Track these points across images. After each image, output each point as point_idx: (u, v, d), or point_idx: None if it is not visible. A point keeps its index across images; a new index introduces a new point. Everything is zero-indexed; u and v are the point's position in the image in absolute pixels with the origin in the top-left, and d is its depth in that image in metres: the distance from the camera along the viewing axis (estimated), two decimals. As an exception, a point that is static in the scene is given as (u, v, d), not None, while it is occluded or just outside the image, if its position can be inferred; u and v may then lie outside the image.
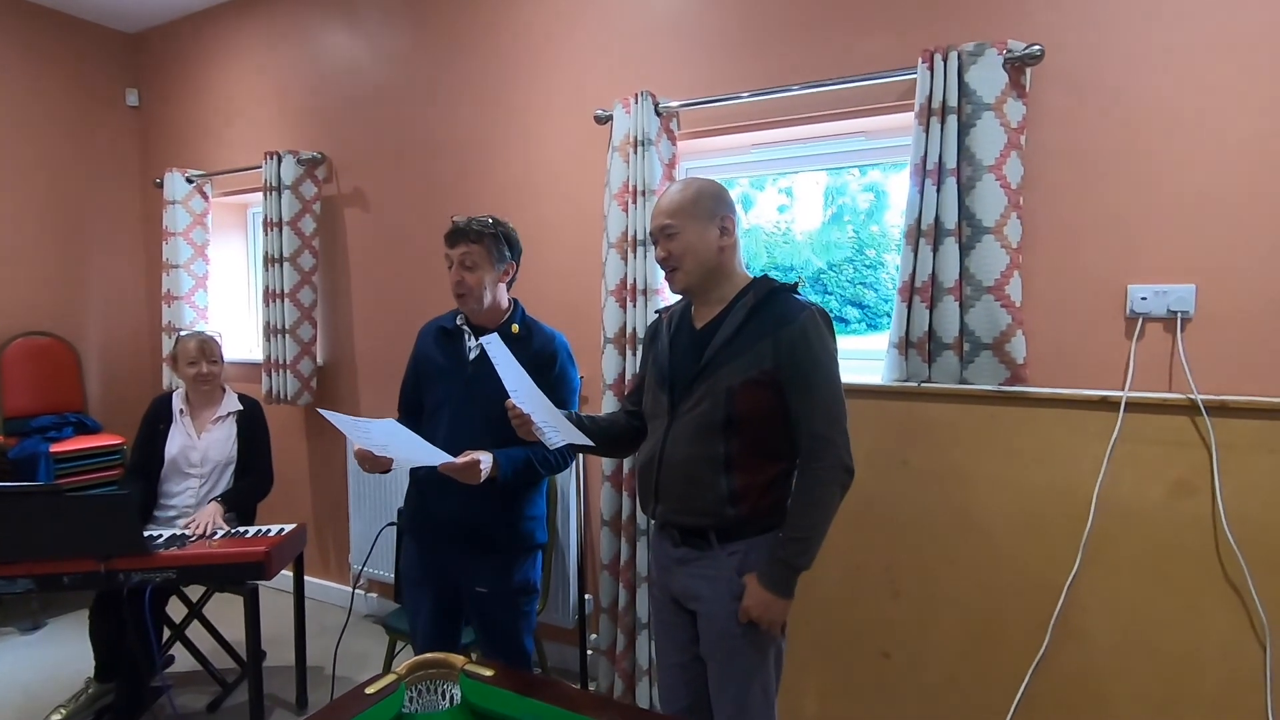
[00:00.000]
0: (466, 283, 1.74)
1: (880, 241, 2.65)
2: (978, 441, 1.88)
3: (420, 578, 1.84)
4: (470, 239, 1.74)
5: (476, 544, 1.76)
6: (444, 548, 1.79)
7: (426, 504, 1.80)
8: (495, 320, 1.82)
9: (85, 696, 2.32)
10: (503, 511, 1.76)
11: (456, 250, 1.74)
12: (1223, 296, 1.71)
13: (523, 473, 1.70)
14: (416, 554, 1.85)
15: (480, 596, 1.78)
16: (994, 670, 1.87)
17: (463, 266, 1.74)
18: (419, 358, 1.89)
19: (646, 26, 2.39)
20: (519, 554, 1.81)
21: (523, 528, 1.80)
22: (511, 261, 1.82)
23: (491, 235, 1.76)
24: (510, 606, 1.80)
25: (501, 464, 1.64)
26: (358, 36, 3.06)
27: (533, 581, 1.85)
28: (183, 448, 2.36)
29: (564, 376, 1.81)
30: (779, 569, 1.35)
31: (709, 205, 1.43)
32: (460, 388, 1.77)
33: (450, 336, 1.84)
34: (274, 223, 3.07)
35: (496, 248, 1.77)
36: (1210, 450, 1.65)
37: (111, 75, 3.76)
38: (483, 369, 1.75)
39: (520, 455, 1.69)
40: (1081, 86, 1.82)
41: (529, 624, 1.85)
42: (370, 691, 1.15)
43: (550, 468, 1.77)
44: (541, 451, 1.71)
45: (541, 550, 1.89)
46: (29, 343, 3.43)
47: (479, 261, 1.74)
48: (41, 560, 1.91)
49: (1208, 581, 1.66)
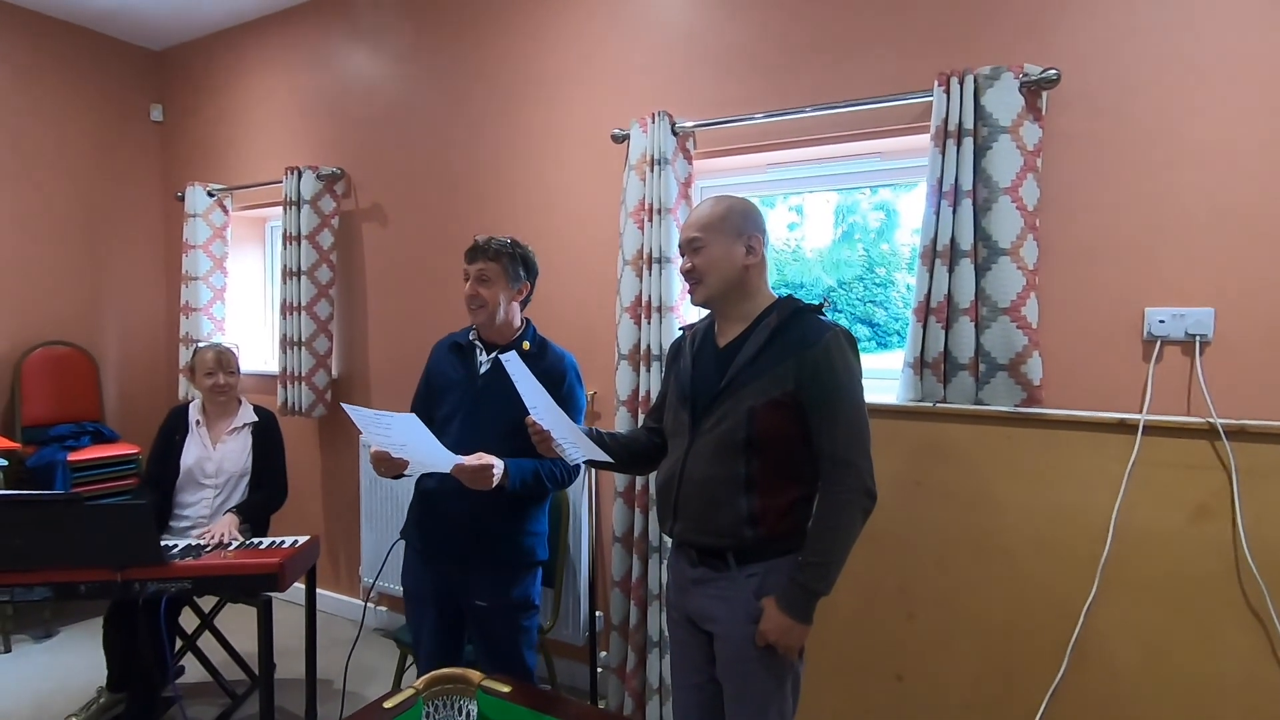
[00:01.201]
0: (480, 296, 1.79)
1: (891, 260, 2.65)
2: (993, 463, 1.87)
3: (422, 592, 1.86)
4: (488, 256, 1.80)
5: (478, 556, 1.77)
6: (445, 561, 1.81)
7: (432, 512, 1.82)
8: (507, 337, 1.86)
9: (97, 706, 2.32)
10: (506, 524, 1.78)
11: (474, 266, 1.81)
12: (1242, 320, 1.70)
13: (530, 484, 1.72)
14: (418, 568, 1.86)
15: (480, 611, 1.79)
16: (1010, 695, 1.85)
17: (478, 280, 1.80)
18: (431, 371, 1.93)
19: (664, 47, 2.43)
20: (519, 569, 1.82)
21: (524, 543, 1.82)
22: (526, 282, 1.87)
23: (509, 255, 1.82)
24: (509, 622, 1.81)
25: (511, 472, 1.66)
26: (378, 56, 3.12)
27: (532, 598, 1.86)
28: (198, 459, 2.38)
29: (571, 395, 1.84)
30: (798, 593, 1.34)
31: (737, 223, 1.45)
32: (470, 401, 1.81)
33: (463, 351, 1.88)
34: (293, 236, 3.11)
35: (513, 266, 1.83)
36: (1230, 474, 1.64)
37: (137, 91, 3.85)
38: (492, 384, 1.79)
39: (529, 467, 1.71)
40: (1098, 110, 1.83)
41: (529, 639, 1.85)
42: (388, 706, 1.16)
43: (557, 483, 1.79)
44: (550, 466, 1.74)
45: (542, 567, 1.90)
46: (49, 352, 3.47)
47: (494, 277, 1.80)
48: (59, 568, 1.93)
49: (1228, 608, 1.64)
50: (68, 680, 2.61)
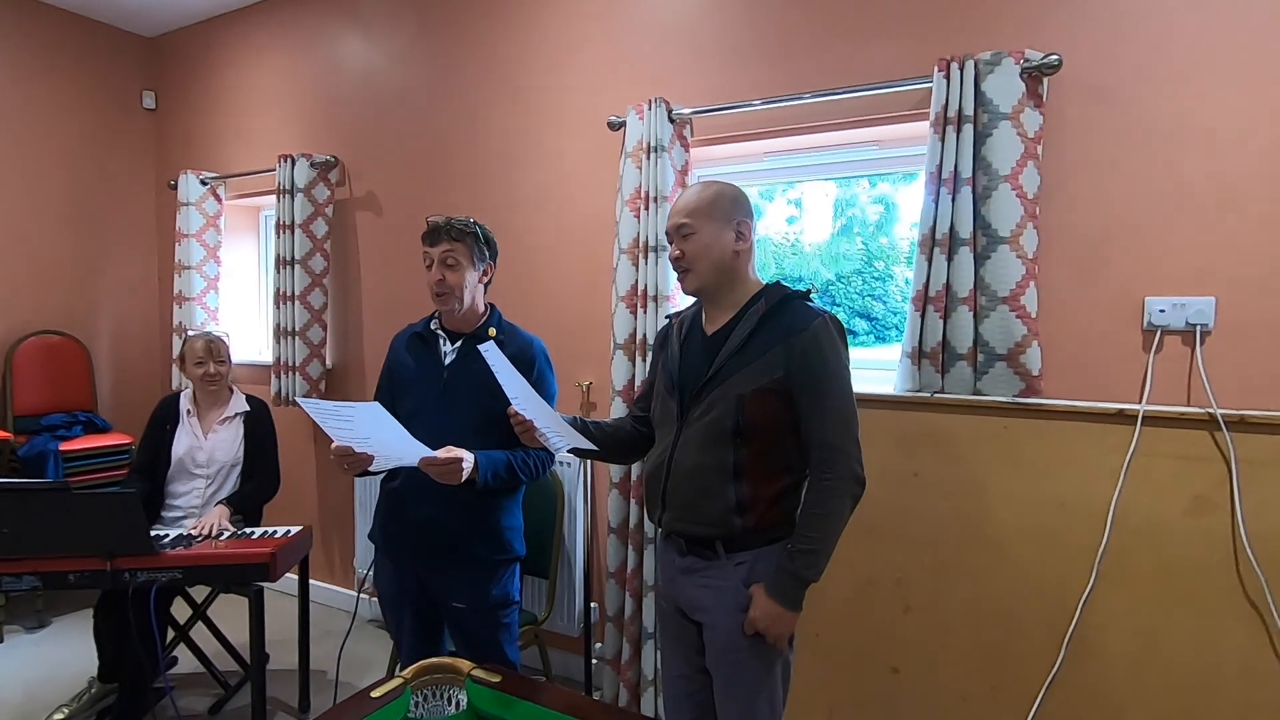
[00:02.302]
0: (448, 282, 1.69)
1: (889, 254, 2.63)
2: (991, 453, 1.85)
3: (398, 595, 1.79)
4: (453, 237, 1.70)
5: (453, 557, 1.70)
6: (419, 563, 1.74)
7: (402, 514, 1.74)
8: (472, 324, 1.78)
9: (88, 696, 2.31)
10: (478, 522, 1.71)
11: (438, 249, 1.70)
12: (1243, 309, 1.68)
13: (503, 476, 1.64)
14: (390, 571, 1.79)
15: (458, 612, 1.73)
16: (1006, 687, 1.84)
17: (444, 265, 1.69)
18: (392, 365, 1.84)
19: (661, 33, 2.40)
20: (497, 566, 1.75)
21: (500, 539, 1.75)
22: (490, 262, 1.79)
23: (473, 235, 1.73)
24: (490, 620, 1.75)
25: (481, 464, 1.58)
26: (372, 42, 3.08)
27: (511, 594, 1.79)
28: (189, 448, 2.35)
29: (542, 381, 1.76)
30: (787, 580, 1.33)
31: (727, 208, 1.42)
32: (435, 393, 1.72)
33: (424, 342, 1.79)
34: (286, 225, 3.08)
35: (477, 247, 1.74)
36: (1230, 465, 1.62)
37: (129, 78, 3.80)
38: (459, 375, 1.71)
39: (500, 458, 1.64)
40: (1100, 96, 1.80)
41: (510, 635, 1.80)
42: (376, 695, 1.14)
43: (530, 473, 1.71)
44: (523, 456, 1.67)
45: (520, 562, 1.83)
46: (41, 341, 3.45)
47: (461, 260, 1.70)
48: (48, 557, 1.91)
49: (1227, 600, 1.62)
50: (59, 671, 2.60)
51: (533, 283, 2.65)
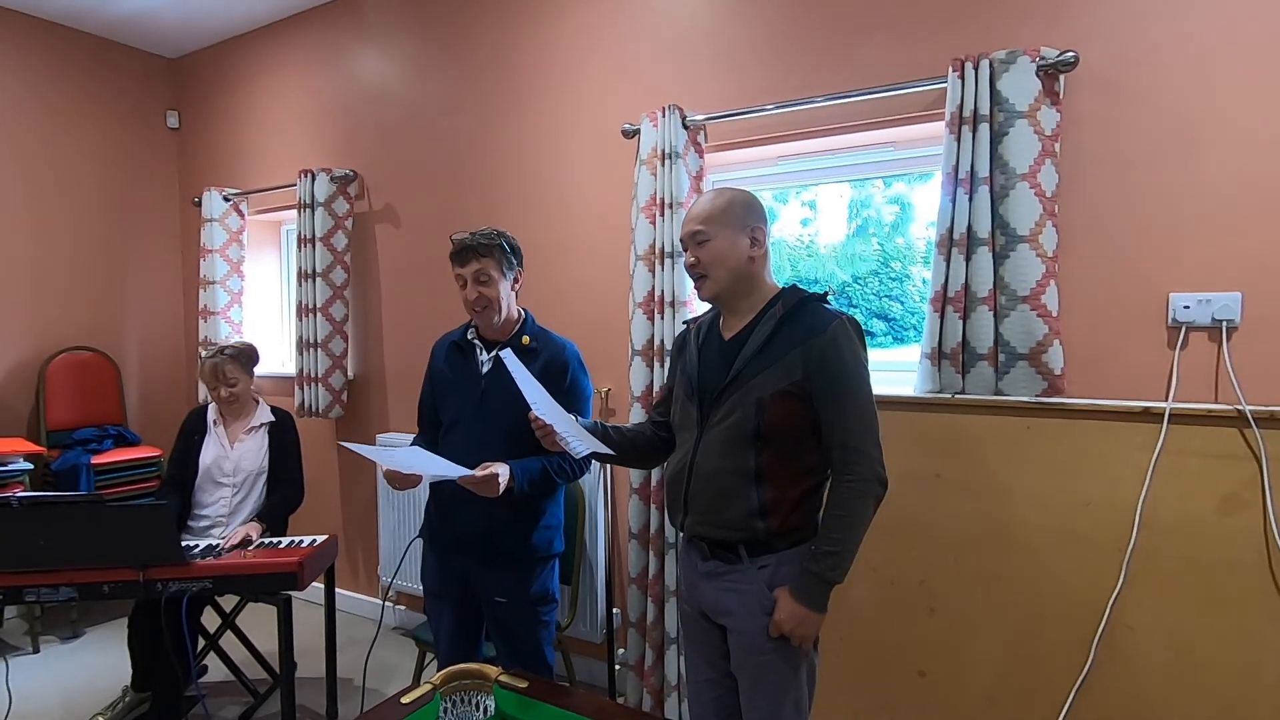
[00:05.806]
0: (486, 297, 1.74)
1: (906, 254, 2.62)
2: (1014, 454, 1.84)
3: (440, 590, 1.86)
4: (481, 253, 1.73)
5: (494, 555, 1.77)
6: (463, 559, 1.80)
7: (447, 515, 1.81)
8: (507, 332, 1.82)
9: (123, 705, 2.35)
10: (519, 521, 1.77)
11: (469, 268, 1.74)
12: (1270, 304, 1.66)
13: (539, 483, 1.71)
14: (436, 566, 1.86)
15: (499, 607, 1.78)
16: (1034, 690, 1.82)
17: (478, 282, 1.74)
18: (434, 373, 1.91)
19: (673, 40, 2.42)
20: (536, 564, 1.81)
21: (539, 537, 1.80)
22: (519, 268, 1.83)
23: (500, 247, 1.77)
24: (529, 616, 1.80)
25: (517, 475, 1.65)
26: (386, 57, 3.13)
27: (551, 591, 1.85)
28: (216, 458, 2.39)
29: (576, 385, 1.81)
30: (811, 582, 1.33)
31: (740, 214, 1.43)
32: (474, 402, 1.78)
33: (462, 351, 1.85)
34: (307, 239, 3.14)
35: (505, 257, 1.77)
36: (1261, 463, 1.59)
37: (153, 98, 3.90)
38: (496, 383, 1.75)
39: (536, 466, 1.70)
40: (1117, 92, 1.79)
41: (549, 634, 1.84)
42: (406, 701, 1.16)
43: (567, 476, 1.77)
44: (558, 461, 1.72)
45: (559, 559, 1.89)
46: (72, 357, 3.53)
47: (493, 274, 1.75)
48: (83, 569, 1.95)
49: (1261, 599, 1.59)
50: (94, 680, 2.65)
51: (550, 291, 2.67)
